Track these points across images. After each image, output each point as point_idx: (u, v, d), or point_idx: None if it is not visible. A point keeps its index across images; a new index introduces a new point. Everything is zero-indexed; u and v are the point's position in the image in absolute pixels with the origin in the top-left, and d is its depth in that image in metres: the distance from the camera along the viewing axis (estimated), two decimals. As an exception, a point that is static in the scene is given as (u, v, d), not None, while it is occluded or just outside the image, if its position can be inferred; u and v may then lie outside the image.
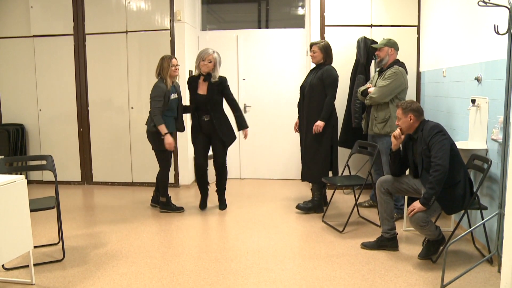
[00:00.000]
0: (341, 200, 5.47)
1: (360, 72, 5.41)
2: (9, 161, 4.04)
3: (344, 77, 5.68)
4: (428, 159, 3.44)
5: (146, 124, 4.95)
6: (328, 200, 4.90)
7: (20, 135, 6.55)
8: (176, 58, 4.96)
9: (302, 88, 4.99)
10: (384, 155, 4.66)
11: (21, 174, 3.66)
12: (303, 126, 4.97)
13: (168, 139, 4.76)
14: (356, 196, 4.52)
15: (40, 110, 6.59)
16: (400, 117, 3.63)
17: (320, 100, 4.79)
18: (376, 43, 5.07)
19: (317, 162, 4.86)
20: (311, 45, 4.95)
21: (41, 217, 4.61)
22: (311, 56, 4.93)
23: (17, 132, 6.50)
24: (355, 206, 4.48)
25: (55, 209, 3.75)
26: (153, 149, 4.99)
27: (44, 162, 4.00)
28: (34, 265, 3.39)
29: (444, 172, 3.27)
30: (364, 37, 5.47)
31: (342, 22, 5.82)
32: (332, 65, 4.86)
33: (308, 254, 3.78)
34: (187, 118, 5.55)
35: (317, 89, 4.79)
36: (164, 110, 4.80)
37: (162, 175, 5.02)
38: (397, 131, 3.69)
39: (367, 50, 5.38)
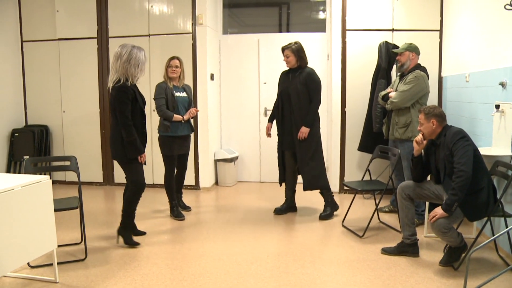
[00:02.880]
0: (361, 204, 5.45)
1: (381, 76, 5.39)
2: (35, 162, 4.11)
3: (365, 81, 5.69)
4: (451, 165, 3.41)
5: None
6: (348, 205, 4.88)
7: (45, 136, 6.67)
8: (179, 59, 4.96)
9: (283, 93, 4.87)
10: (405, 160, 4.63)
11: (45, 174, 3.74)
12: (286, 131, 4.89)
13: (187, 115, 4.89)
14: (377, 201, 4.50)
15: (64, 111, 6.71)
16: (422, 122, 3.61)
17: (308, 106, 4.77)
18: (398, 47, 5.04)
19: (315, 168, 4.84)
20: (283, 49, 4.85)
21: (64, 217, 4.68)
22: (285, 61, 4.85)
23: (41, 133, 6.62)
24: (376, 211, 4.46)
25: (78, 209, 3.82)
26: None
27: (68, 163, 4.08)
28: (58, 263, 3.44)
29: (467, 178, 3.25)
30: (386, 41, 5.45)
31: (363, 27, 5.82)
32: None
33: (328, 259, 3.78)
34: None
35: (304, 95, 4.75)
36: (170, 108, 4.83)
37: (165, 180, 5.04)
38: (419, 137, 3.67)
39: (388, 55, 5.36)
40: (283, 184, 5.15)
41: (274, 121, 5.07)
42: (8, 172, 6.50)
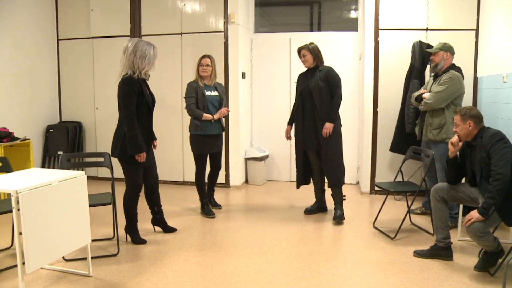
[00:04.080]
0: (392, 206, 5.39)
1: (414, 76, 5.32)
2: (70, 157, 4.20)
3: (398, 81, 5.62)
4: (487, 168, 3.34)
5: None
6: (379, 206, 4.83)
7: (78, 132, 6.81)
8: (210, 58, 4.96)
9: (304, 92, 4.83)
10: (439, 161, 4.55)
11: (78, 169, 3.81)
12: (308, 129, 4.83)
13: (217, 115, 4.89)
14: (409, 203, 4.44)
15: (97, 108, 6.83)
16: (458, 123, 3.55)
17: (331, 102, 4.72)
18: (432, 47, 4.96)
19: (339, 165, 4.82)
20: (299, 50, 4.83)
21: (96, 212, 4.75)
22: (302, 61, 4.83)
23: (75, 129, 6.76)
24: (408, 213, 4.40)
25: (111, 205, 3.89)
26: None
27: (101, 159, 4.15)
28: (91, 258, 3.50)
29: (505, 182, 3.17)
30: (420, 41, 5.37)
31: (397, 26, 5.74)
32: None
33: (360, 260, 3.74)
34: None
35: (326, 92, 4.70)
36: (200, 107, 4.85)
37: (196, 178, 5.06)
38: (454, 138, 3.60)
39: (422, 55, 5.28)
40: (303, 185, 5.12)
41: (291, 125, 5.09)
42: (43, 167, 6.66)
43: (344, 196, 4.97)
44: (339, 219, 4.77)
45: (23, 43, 6.29)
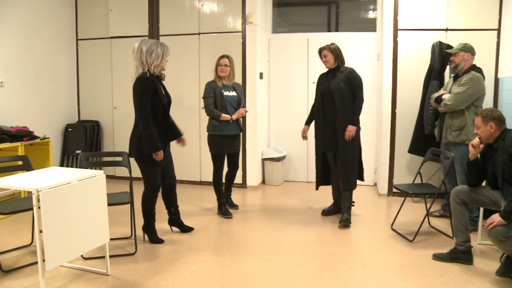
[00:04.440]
0: (410, 208, 5.33)
1: (434, 77, 5.25)
2: (89, 156, 4.23)
3: (416, 82, 5.56)
4: (510, 170, 3.28)
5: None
6: (397, 208, 4.78)
7: (96, 132, 6.87)
8: (228, 58, 4.94)
9: (324, 93, 4.77)
10: (458, 164, 4.49)
11: (95, 168, 3.84)
12: (328, 131, 4.77)
13: (235, 115, 4.89)
14: (428, 205, 4.39)
15: (115, 108, 6.89)
16: (479, 125, 3.50)
17: (352, 104, 4.67)
18: (452, 47, 4.90)
19: (354, 169, 4.76)
20: (321, 50, 4.78)
21: (113, 211, 4.78)
22: (324, 61, 4.78)
23: (93, 128, 6.82)
24: (427, 215, 4.35)
25: (129, 204, 3.91)
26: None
27: (120, 159, 4.18)
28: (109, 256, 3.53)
29: (528, 185, 3.12)
30: (439, 41, 5.30)
31: (416, 26, 5.67)
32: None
33: (378, 262, 3.71)
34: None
35: (347, 94, 4.65)
36: (218, 107, 4.84)
37: (213, 178, 5.06)
38: (475, 140, 3.55)
39: (442, 55, 5.21)
40: (324, 186, 5.09)
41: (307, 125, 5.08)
42: (61, 165, 6.73)
43: (354, 202, 4.94)
44: (345, 222, 4.69)
45: (44, 43, 6.36)
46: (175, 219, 4.46)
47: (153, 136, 3.84)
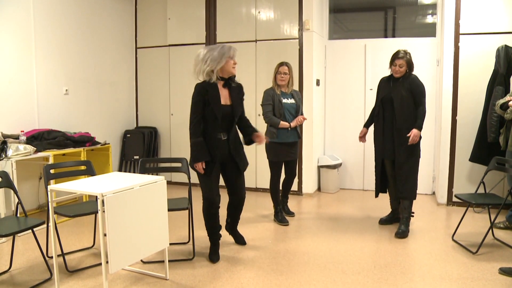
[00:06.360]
0: (471, 218, 5.12)
1: (498, 83, 5.06)
2: (148, 162, 4.33)
3: (479, 88, 5.38)
4: None
5: None
6: (459, 218, 4.61)
7: (153, 138, 7.04)
8: (287, 65, 4.90)
9: (385, 99, 4.65)
10: (525, 174, 4.30)
11: (153, 174, 3.91)
12: (387, 139, 4.67)
13: (294, 122, 4.86)
14: (492, 216, 4.21)
15: (172, 114, 7.04)
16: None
17: (412, 112, 4.53)
18: (518, 52, 4.71)
19: (413, 178, 4.61)
20: (396, 58, 4.56)
21: (171, 217, 4.86)
22: (397, 70, 4.57)
23: (150, 134, 6.99)
24: (491, 227, 4.17)
25: (187, 210, 3.97)
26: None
27: (179, 165, 4.24)
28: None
29: None
30: (505, 45, 5.10)
31: (479, 30, 5.47)
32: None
33: (439, 274, 3.58)
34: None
35: (408, 102, 4.51)
36: (277, 115, 4.83)
37: (270, 185, 5.04)
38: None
39: (507, 60, 5.02)
40: (383, 194, 4.97)
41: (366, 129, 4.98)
42: (120, 170, 6.94)
43: (413, 212, 4.80)
44: (401, 235, 4.54)
45: (105, 52, 6.61)
46: (230, 228, 4.36)
47: (195, 146, 3.67)
